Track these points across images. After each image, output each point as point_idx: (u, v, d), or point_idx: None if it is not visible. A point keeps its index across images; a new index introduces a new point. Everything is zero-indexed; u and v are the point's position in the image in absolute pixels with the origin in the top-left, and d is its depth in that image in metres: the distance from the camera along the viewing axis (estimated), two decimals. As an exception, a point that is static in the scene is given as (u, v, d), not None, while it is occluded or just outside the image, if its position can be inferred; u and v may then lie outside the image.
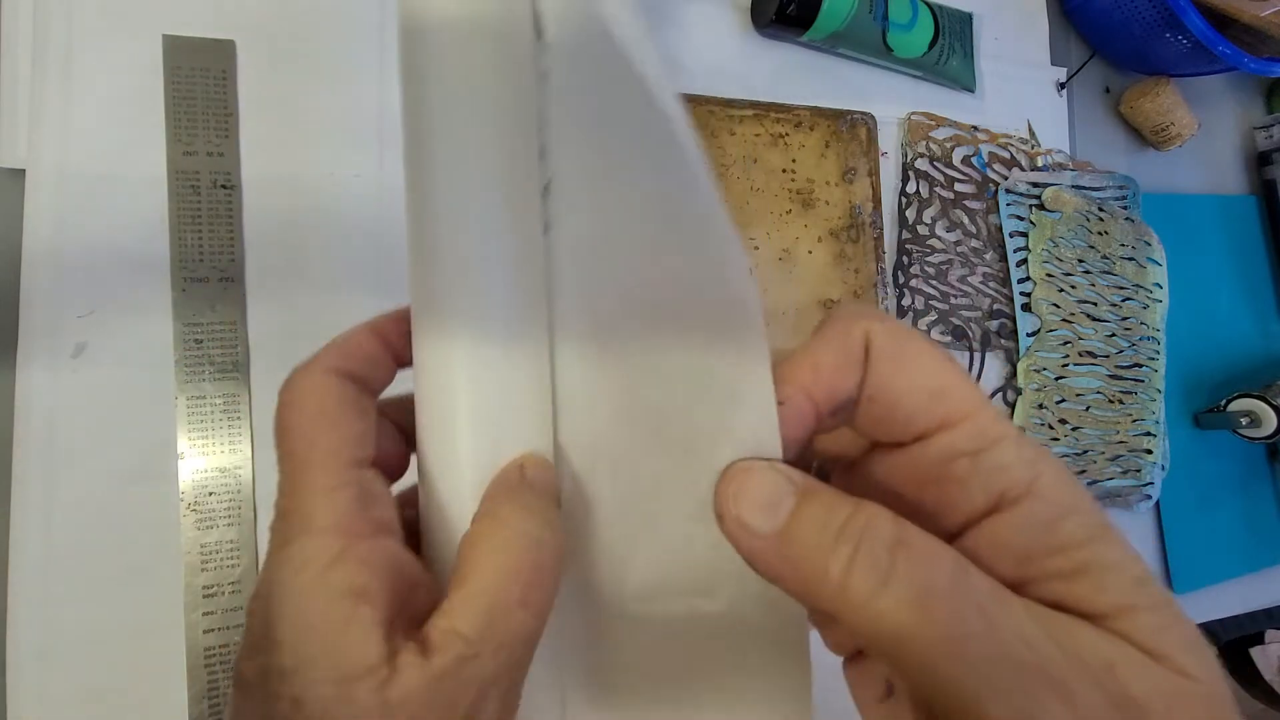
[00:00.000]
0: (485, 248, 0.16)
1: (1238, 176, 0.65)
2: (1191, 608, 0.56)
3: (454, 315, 0.16)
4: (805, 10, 0.43)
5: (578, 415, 0.18)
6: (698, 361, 0.16)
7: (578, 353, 0.17)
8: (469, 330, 0.16)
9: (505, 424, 0.17)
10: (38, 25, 0.32)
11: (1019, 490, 0.14)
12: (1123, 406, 0.52)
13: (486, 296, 0.16)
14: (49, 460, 0.31)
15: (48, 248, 0.31)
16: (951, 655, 0.12)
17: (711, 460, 0.16)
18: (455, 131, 0.16)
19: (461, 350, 0.16)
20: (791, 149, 0.43)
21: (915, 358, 0.15)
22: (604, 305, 0.17)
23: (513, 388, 0.17)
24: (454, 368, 0.16)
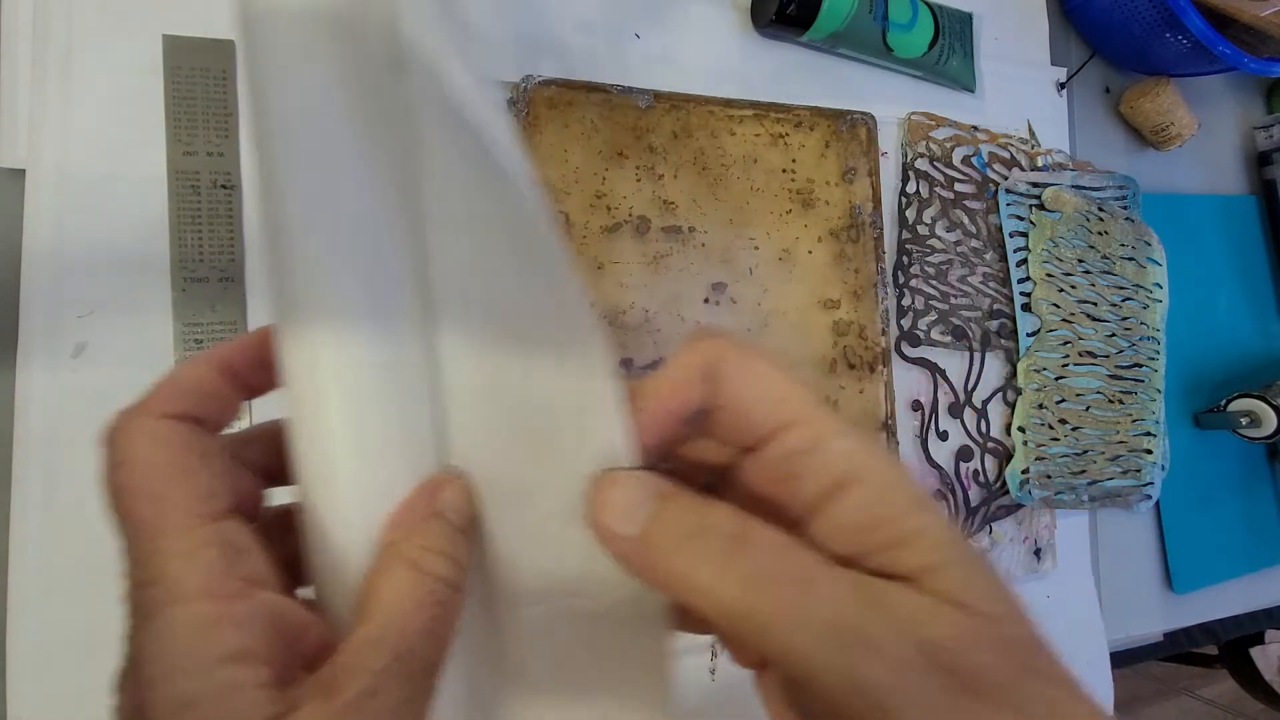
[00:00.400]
0: (346, 245, 0.16)
1: (1238, 176, 0.65)
2: (1191, 608, 0.57)
3: (320, 322, 0.16)
4: (805, 10, 0.43)
5: (457, 426, 0.18)
6: (554, 375, 0.17)
7: (454, 360, 0.18)
8: (338, 338, 0.16)
9: (387, 441, 0.17)
10: (37, 25, 0.32)
11: (848, 478, 0.15)
12: (1123, 406, 0.52)
13: (352, 300, 0.16)
14: (49, 460, 0.31)
15: (48, 248, 0.31)
16: (781, 626, 0.14)
17: (576, 467, 0.17)
18: (304, 124, 0.16)
19: (332, 361, 0.16)
20: (791, 149, 0.43)
21: (759, 372, 0.17)
22: (472, 317, 0.17)
23: (391, 399, 0.17)
24: (327, 381, 0.16)
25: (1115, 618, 0.53)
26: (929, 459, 0.47)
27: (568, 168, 0.38)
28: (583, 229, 0.38)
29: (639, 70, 0.42)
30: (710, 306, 0.41)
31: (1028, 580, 0.50)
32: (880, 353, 0.44)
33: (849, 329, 0.44)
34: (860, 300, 0.44)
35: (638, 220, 0.39)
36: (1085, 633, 0.52)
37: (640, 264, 0.39)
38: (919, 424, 0.47)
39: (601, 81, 0.39)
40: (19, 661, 0.30)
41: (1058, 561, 0.51)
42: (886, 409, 0.44)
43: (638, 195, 0.39)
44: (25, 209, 0.31)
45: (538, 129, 0.37)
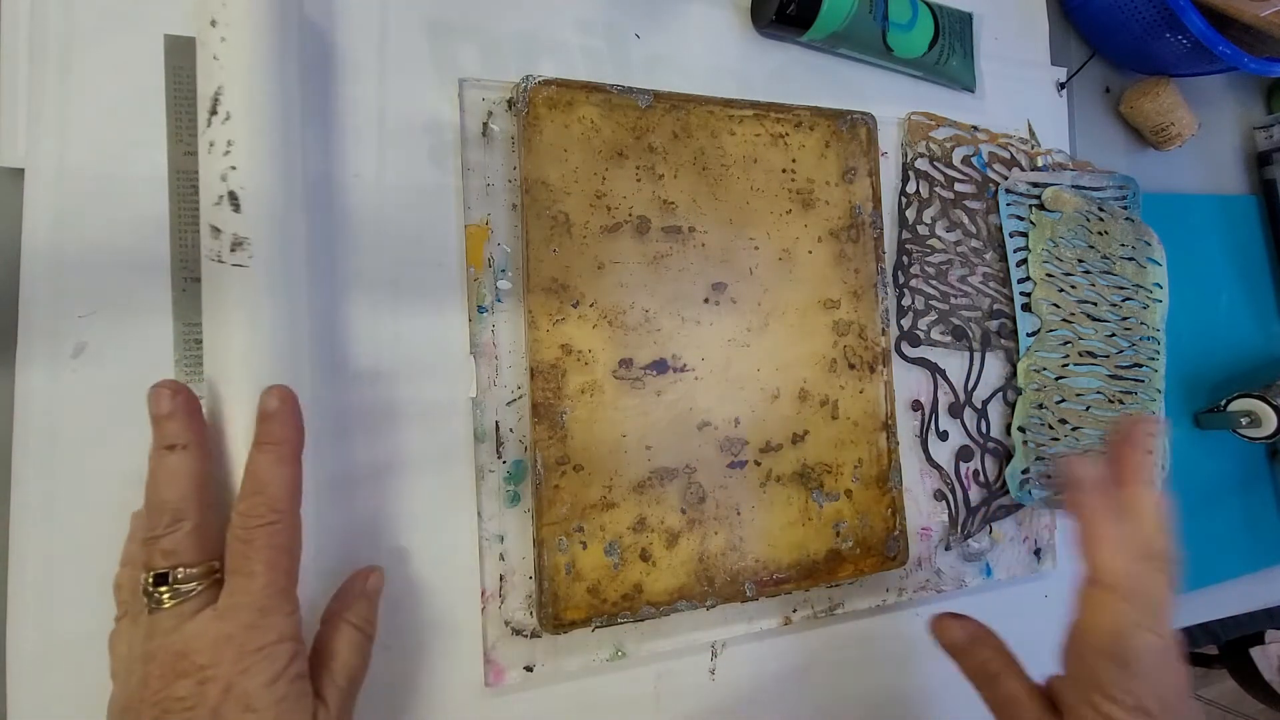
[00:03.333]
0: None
1: (1238, 176, 0.65)
2: (1191, 608, 0.57)
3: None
4: (805, 10, 0.43)
5: None
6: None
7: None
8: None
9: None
10: (36, 24, 0.32)
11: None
12: (1123, 406, 0.52)
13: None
14: (49, 460, 0.31)
15: (47, 248, 0.31)
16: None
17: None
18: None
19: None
20: (791, 149, 0.43)
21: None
22: None
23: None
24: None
25: (1115, 618, 0.53)
26: (929, 459, 0.47)
27: (568, 168, 0.38)
28: (583, 229, 0.38)
29: (639, 70, 0.42)
30: (710, 306, 0.41)
31: (1028, 580, 0.50)
32: (880, 353, 0.44)
33: (849, 329, 0.44)
34: (860, 300, 0.44)
35: (638, 220, 0.39)
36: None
37: (640, 264, 0.39)
38: (919, 424, 0.47)
39: (601, 81, 0.39)
40: (19, 661, 0.30)
41: (1058, 561, 0.51)
42: (886, 409, 0.44)
43: (638, 195, 0.39)
44: (25, 209, 0.31)
45: (538, 129, 0.37)
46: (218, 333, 0.29)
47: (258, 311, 0.29)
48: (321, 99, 0.35)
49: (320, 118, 0.35)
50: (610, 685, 0.38)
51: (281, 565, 0.27)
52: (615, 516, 0.38)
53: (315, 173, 0.35)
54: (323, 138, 0.35)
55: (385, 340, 0.36)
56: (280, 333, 0.29)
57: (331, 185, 0.35)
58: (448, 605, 0.35)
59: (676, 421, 0.39)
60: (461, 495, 0.36)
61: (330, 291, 0.35)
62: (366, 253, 0.36)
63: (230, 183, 0.28)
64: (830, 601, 0.43)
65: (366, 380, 0.35)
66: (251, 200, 0.29)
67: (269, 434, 0.28)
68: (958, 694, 0.47)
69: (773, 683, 0.42)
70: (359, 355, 0.35)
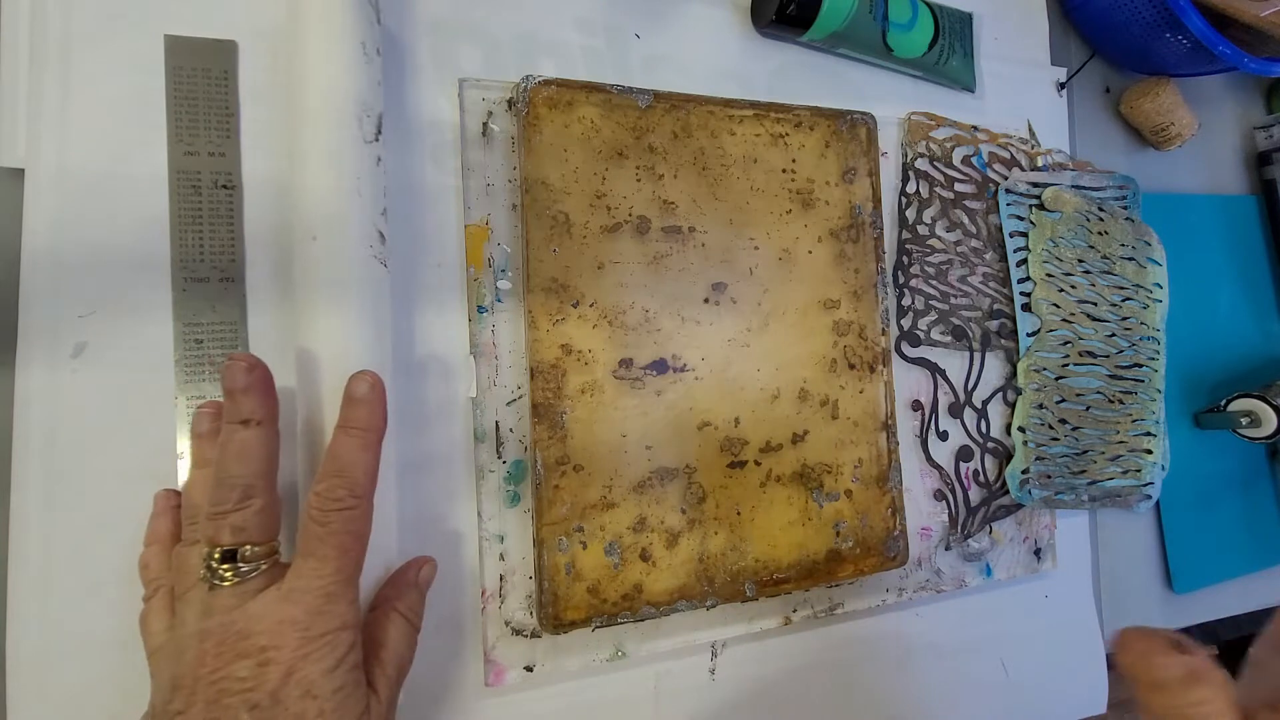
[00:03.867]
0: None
1: (1238, 176, 0.65)
2: (1191, 608, 0.57)
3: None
4: (805, 10, 0.43)
5: None
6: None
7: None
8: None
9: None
10: (35, 24, 0.32)
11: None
12: (1123, 406, 0.52)
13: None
14: (49, 460, 0.31)
15: (47, 247, 0.31)
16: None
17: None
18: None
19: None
20: (791, 149, 0.43)
21: None
22: None
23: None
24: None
25: (1115, 618, 0.53)
26: (929, 459, 0.47)
27: (568, 168, 0.38)
28: (583, 229, 0.38)
29: (639, 70, 0.42)
30: (710, 306, 0.41)
31: (1028, 580, 0.50)
32: (880, 353, 0.44)
33: (849, 329, 0.44)
34: (860, 300, 0.44)
35: (638, 220, 0.39)
36: (1082, 633, 0.52)
37: (640, 264, 0.39)
38: (919, 424, 0.47)
39: (601, 81, 0.39)
40: (19, 661, 0.30)
41: (1058, 561, 0.51)
42: (886, 409, 0.44)
43: (638, 195, 0.39)
44: (25, 209, 0.31)
45: (538, 129, 0.37)
46: (348, 324, 0.31)
47: (382, 305, 0.33)
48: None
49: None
50: (610, 685, 0.38)
51: (353, 552, 0.27)
52: (615, 516, 0.38)
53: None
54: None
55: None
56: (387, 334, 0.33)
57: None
58: (448, 605, 0.35)
59: (676, 421, 0.39)
60: (461, 495, 0.36)
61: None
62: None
63: (389, 198, 0.34)
64: (830, 601, 0.43)
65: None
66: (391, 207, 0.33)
67: (356, 418, 0.29)
68: (958, 694, 0.47)
69: (773, 683, 0.42)
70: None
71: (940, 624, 0.47)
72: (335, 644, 0.26)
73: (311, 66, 0.31)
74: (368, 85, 0.32)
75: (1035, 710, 0.49)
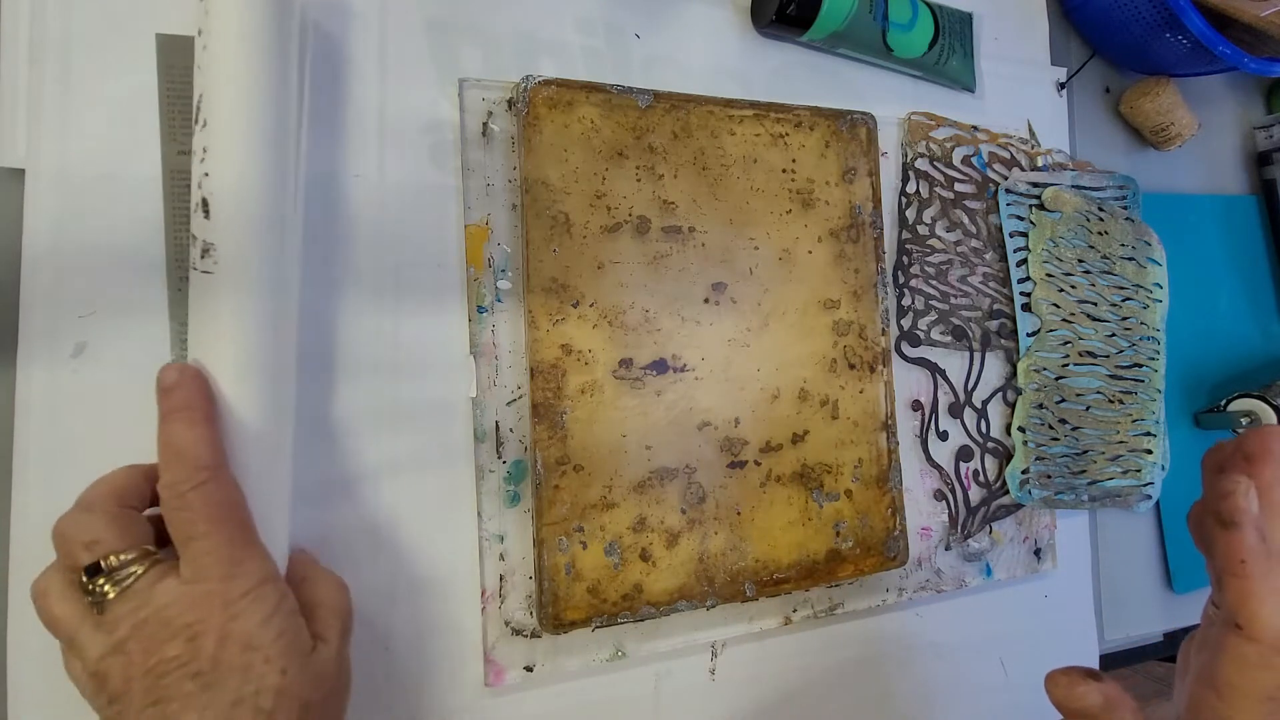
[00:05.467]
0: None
1: (1238, 176, 0.65)
2: (1191, 608, 0.56)
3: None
4: (805, 10, 0.43)
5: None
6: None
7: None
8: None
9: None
10: (35, 25, 0.32)
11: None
12: (1123, 406, 0.52)
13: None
14: (49, 460, 0.31)
15: (48, 248, 0.31)
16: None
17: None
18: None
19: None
20: (791, 149, 0.43)
21: None
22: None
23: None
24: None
25: (1115, 618, 0.53)
26: (929, 459, 0.47)
27: (568, 168, 0.38)
28: (583, 229, 0.38)
29: (639, 70, 0.42)
30: (710, 306, 0.41)
31: (1028, 580, 0.50)
32: (880, 353, 0.44)
33: (849, 329, 0.44)
34: (860, 300, 0.44)
35: (638, 220, 0.39)
36: (1082, 633, 0.52)
37: (640, 264, 0.39)
38: (919, 424, 0.47)
39: (601, 81, 0.39)
40: (19, 661, 0.30)
41: (1058, 561, 0.51)
42: (886, 409, 0.44)
43: (638, 195, 0.39)
44: (25, 209, 0.31)
45: (538, 129, 0.37)
46: (193, 337, 0.29)
47: (218, 319, 0.28)
48: (321, 99, 0.35)
49: (320, 118, 0.35)
50: (610, 685, 0.38)
51: (232, 518, 0.26)
52: (615, 516, 0.38)
53: (316, 173, 0.35)
54: (323, 138, 0.35)
55: (385, 340, 0.36)
56: (250, 338, 0.29)
57: (332, 185, 0.35)
58: (448, 605, 0.35)
59: (676, 421, 0.39)
60: (461, 495, 0.36)
61: (330, 292, 0.35)
62: (367, 253, 0.36)
63: (204, 189, 0.29)
64: (830, 601, 0.43)
65: (367, 380, 0.35)
66: (221, 207, 0.28)
67: (173, 401, 0.27)
68: (958, 694, 0.47)
69: (773, 683, 0.42)
70: (359, 355, 0.35)
71: (940, 624, 0.47)
72: (261, 597, 0.26)
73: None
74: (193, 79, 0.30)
75: (1035, 710, 0.49)
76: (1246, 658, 0.27)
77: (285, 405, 0.30)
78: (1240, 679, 0.27)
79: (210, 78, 0.29)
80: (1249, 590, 0.27)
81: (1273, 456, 0.29)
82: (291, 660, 0.26)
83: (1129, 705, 0.29)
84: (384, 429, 0.35)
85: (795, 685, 0.42)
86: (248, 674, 0.25)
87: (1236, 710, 0.27)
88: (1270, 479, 0.29)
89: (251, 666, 0.25)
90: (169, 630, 0.25)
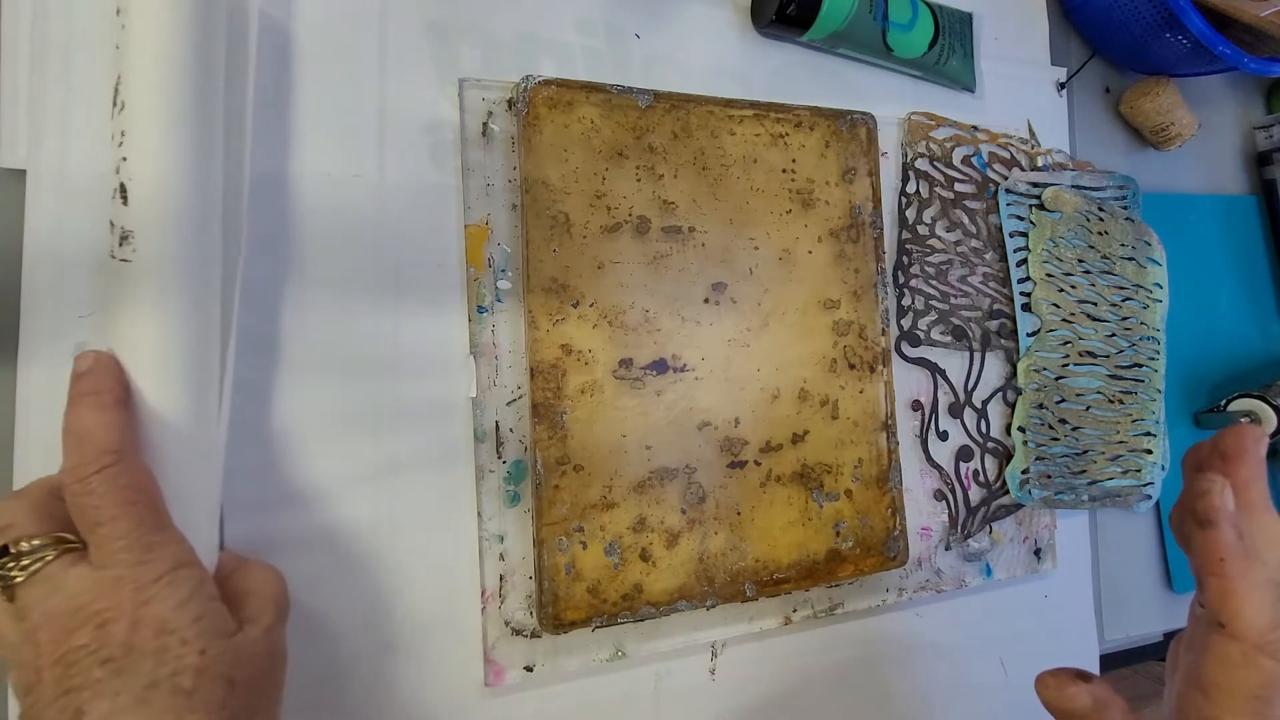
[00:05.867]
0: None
1: (1238, 176, 0.65)
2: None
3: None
4: (805, 10, 0.43)
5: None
6: None
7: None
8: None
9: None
10: (37, 25, 0.32)
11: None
12: (1123, 406, 0.52)
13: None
14: (50, 460, 0.31)
15: (49, 248, 0.31)
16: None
17: None
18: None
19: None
20: (791, 149, 0.43)
21: None
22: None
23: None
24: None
25: (1115, 618, 0.53)
26: (929, 459, 0.47)
27: (568, 168, 0.38)
28: (583, 229, 0.38)
29: (639, 70, 0.42)
30: (710, 306, 0.41)
31: (1028, 580, 0.50)
32: (880, 353, 0.44)
33: (849, 329, 0.44)
34: (860, 300, 0.44)
35: (638, 220, 0.39)
36: (1081, 633, 0.52)
37: (640, 264, 0.39)
38: (919, 424, 0.47)
39: (601, 81, 0.39)
40: (19, 661, 0.30)
41: (1058, 561, 0.51)
42: (886, 409, 0.44)
43: (638, 195, 0.39)
44: (26, 210, 0.31)
45: (538, 129, 0.37)
46: (110, 326, 0.28)
47: (136, 308, 0.27)
48: (322, 99, 0.35)
49: (320, 119, 0.35)
50: (610, 685, 0.38)
51: (142, 501, 0.25)
52: (615, 516, 0.38)
53: (315, 174, 0.35)
54: (322, 138, 0.35)
55: (385, 340, 0.36)
56: (171, 329, 0.28)
57: (332, 185, 0.35)
58: (448, 605, 0.35)
59: (676, 421, 0.39)
60: (461, 495, 0.36)
61: (330, 292, 0.35)
62: (367, 253, 0.36)
63: (121, 174, 0.27)
64: (830, 601, 0.43)
65: (367, 380, 0.35)
66: (139, 193, 0.27)
67: (83, 385, 0.26)
68: (958, 694, 0.47)
69: (773, 683, 0.42)
70: (359, 355, 0.35)
71: (940, 624, 0.47)
72: (177, 581, 0.25)
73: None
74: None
75: (1035, 710, 0.49)
76: (1230, 657, 0.28)
77: (208, 401, 0.29)
78: (1225, 678, 0.28)
79: (129, 59, 0.27)
80: (1229, 589, 0.28)
81: (1248, 455, 0.29)
82: (211, 641, 0.25)
83: (1119, 706, 0.30)
84: (384, 429, 0.35)
85: (795, 685, 0.42)
86: (163, 656, 0.24)
87: (1223, 710, 0.28)
88: (1246, 478, 0.29)
89: (168, 649, 0.24)
90: (78, 618, 0.24)
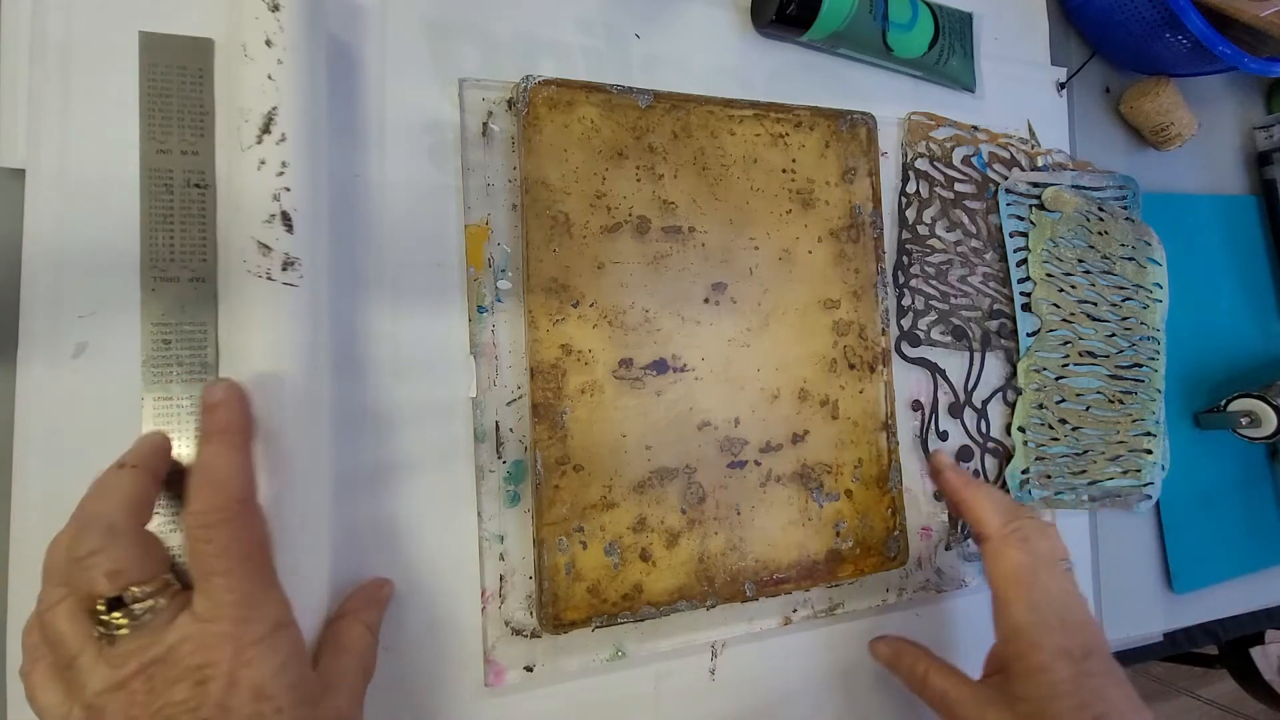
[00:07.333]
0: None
1: (1238, 176, 0.65)
2: (1191, 608, 0.56)
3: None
4: (805, 10, 0.43)
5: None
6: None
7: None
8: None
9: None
10: (36, 25, 0.32)
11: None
12: (1123, 406, 0.52)
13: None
14: (50, 460, 0.31)
15: (48, 248, 0.31)
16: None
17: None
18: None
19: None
20: (791, 149, 0.43)
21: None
22: None
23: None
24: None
25: (1115, 618, 0.53)
26: (929, 459, 0.47)
27: (568, 168, 0.38)
28: (583, 229, 0.38)
29: (639, 70, 0.42)
30: (710, 306, 0.41)
31: (1028, 580, 0.50)
32: (880, 353, 0.44)
33: (849, 329, 0.44)
34: (860, 300, 0.44)
35: (638, 220, 0.39)
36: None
37: (640, 264, 0.39)
38: (919, 424, 0.47)
39: (601, 81, 0.39)
40: (19, 661, 0.30)
41: (1058, 561, 0.51)
42: (886, 409, 0.44)
43: (638, 195, 0.39)
44: (26, 209, 0.31)
45: (538, 129, 0.37)
46: (257, 346, 0.29)
47: (300, 329, 0.29)
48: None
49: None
50: (610, 685, 0.38)
51: (256, 557, 0.26)
52: (615, 516, 0.38)
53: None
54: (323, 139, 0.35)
55: (385, 340, 0.36)
56: (315, 347, 0.30)
57: (331, 186, 0.35)
58: (448, 605, 0.35)
59: (676, 421, 0.39)
60: (461, 495, 0.36)
61: (330, 292, 0.35)
62: (367, 253, 0.36)
63: (284, 203, 0.29)
64: (830, 601, 0.43)
65: (367, 380, 0.35)
66: (303, 222, 0.30)
67: (215, 423, 0.27)
68: (958, 694, 0.47)
69: (773, 683, 0.42)
70: (359, 355, 0.35)
71: (940, 624, 0.47)
72: (276, 644, 0.25)
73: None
74: (247, 86, 0.30)
75: (1035, 710, 0.49)
76: (990, 553, 0.38)
77: (326, 435, 0.31)
78: (993, 571, 0.37)
79: (288, 91, 0.29)
80: (970, 504, 0.40)
81: (945, 470, 0.45)
82: (300, 710, 0.25)
83: (913, 650, 0.40)
84: (384, 429, 0.35)
85: (795, 685, 0.42)
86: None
87: (1002, 596, 0.36)
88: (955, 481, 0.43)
89: (262, 716, 0.24)
90: (177, 670, 0.24)
